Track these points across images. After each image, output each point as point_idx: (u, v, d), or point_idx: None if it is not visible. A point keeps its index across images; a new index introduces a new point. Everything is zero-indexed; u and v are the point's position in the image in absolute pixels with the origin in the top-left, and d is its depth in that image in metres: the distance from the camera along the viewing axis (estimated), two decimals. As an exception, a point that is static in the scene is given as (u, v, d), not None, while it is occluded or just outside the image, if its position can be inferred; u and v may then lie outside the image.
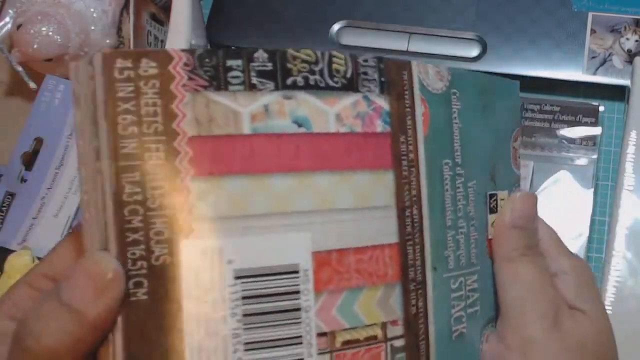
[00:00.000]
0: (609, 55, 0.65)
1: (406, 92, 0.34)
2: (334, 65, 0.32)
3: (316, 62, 0.32)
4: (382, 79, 0.33)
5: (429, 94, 0.35)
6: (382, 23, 0.67)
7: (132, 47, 0.57)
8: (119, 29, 0.60)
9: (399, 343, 0.32)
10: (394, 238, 0.32)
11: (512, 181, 0.40)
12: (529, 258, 0.36)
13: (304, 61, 0.32)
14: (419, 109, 0.34)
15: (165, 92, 0.28)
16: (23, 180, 0.56)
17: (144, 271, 0.28)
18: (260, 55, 0.31)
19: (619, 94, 0.63)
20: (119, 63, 0.28)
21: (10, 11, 0.61)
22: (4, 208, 0.55)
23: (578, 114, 0.60)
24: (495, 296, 0.37)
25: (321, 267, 0.30)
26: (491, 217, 0.37)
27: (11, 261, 0.51)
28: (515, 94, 0.41)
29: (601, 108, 0.60)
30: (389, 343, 0.32)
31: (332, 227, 0.31)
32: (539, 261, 0.36)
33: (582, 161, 0.59)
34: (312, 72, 0.32)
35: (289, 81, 0.31)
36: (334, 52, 0.32)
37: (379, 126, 0.32)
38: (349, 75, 0.32)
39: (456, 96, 0.36)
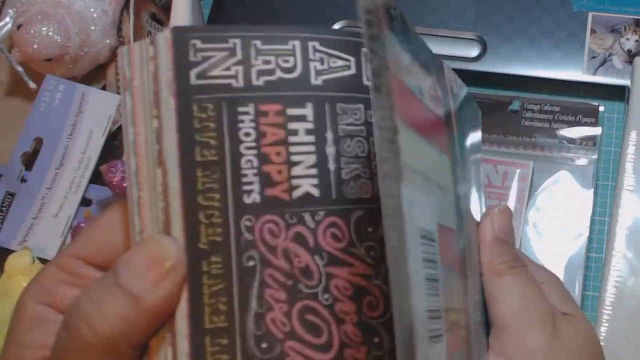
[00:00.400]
0: (609, 55, 0.65)
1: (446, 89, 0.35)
2: None
3: None
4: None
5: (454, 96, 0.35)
6: (382, 23, 0.67)
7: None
8: (119, 29, 0.60)
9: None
10: (453, 224, 0.32)
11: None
12: (518, 270, 0.36)
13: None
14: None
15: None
16: (23, 180, 0.56)
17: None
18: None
19: (619, 94, 0.63)
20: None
21: (11, 11, 0.61)
22: (4, 208, 0.55)
23: (578, 114, 0.60)
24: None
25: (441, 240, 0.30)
26: None
27: (11, 261, 0.51)
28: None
29: (601, 108, 0.60)
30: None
31: (443, 204, 0.31)
32: (527, 272, 0.36)
33: (582, 161, 0.59)
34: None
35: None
36: None
37: (440, 111, 0.32)
38: None
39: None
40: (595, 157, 0.59)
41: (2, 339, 0.47)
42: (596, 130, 0.59)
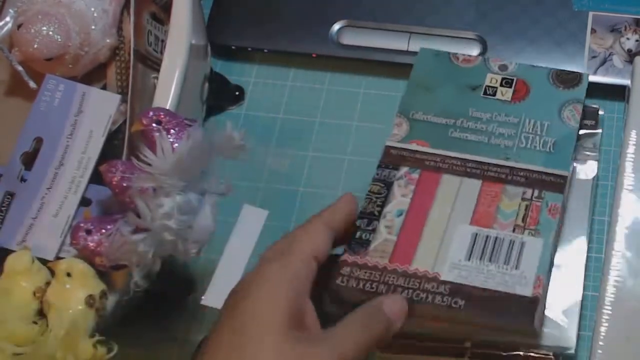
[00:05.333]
0: (609, 55, 0.65)
1: None
2: None
3: None
4: None
5: None
6: (382, 23, 0.67)
7: (132, 47, 0.57)
8: (120, 29, 0.61)
9: None
10: None
11: None
12: None
13: None
14: None
15: None
16: (23, 180, 0.56)
17: None
18: None
19: (619, 93, 0.63)
20: None
21: (11, 10, 0.61)
22: (4, 208, 0.55)
23: (578, 115, 0.60)
24: None
25: None
26: None
27: (10, 261, 0.51)
28: None
29: (601, 112, 0.60)
30: None
31: None
32: None
33: (582, 163, 0.59)
34: None
35: None
36: None
37: None
38: None
39: None
40: (595, 159, 0.59)
41: (0, 340, 0.47)
42: (596, 132, 0.59)
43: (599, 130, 0.59)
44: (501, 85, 0.58)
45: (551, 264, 0.53)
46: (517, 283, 0.50)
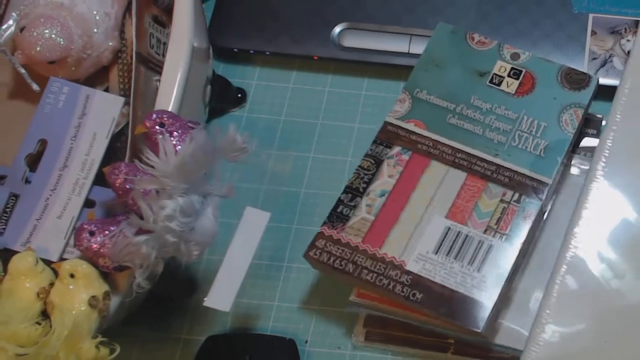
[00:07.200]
0: (610, 56, 0.65)
1: None
2: None
3: None
4: None
5: None
6: (383, 25, 0.68)
7: (134, 50, 0.57)
8: (122, 32, 0.61)
9: None
10: None
11: None
12: None
13: None
14: None
15: None
16: (27, 181, 0.56)
17: None
18: None
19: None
20: None
21: (14, 14, 0.61)
22: (8, 209, 0.55)
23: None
24: None
25: None
26: None
27: (14, 262, 0.51)
28: None
29: (603, 122, 0.60)
30: None
31: None
32: None
33: (585, 171, 0.59)
34: None
35: None
36: None
37: None
38: None
39: None
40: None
41: (3, 341, 0.47)
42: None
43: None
44: (509, 75, 0.59)
45: (515, 271, 0.54)
46: (475, 286, 0.52)
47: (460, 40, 0.60)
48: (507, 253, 0.53)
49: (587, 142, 0.60)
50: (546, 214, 0.57)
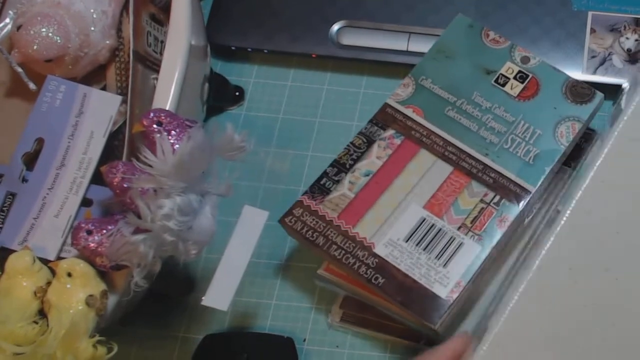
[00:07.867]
0: (609, 54, 0.65)
1: None
2: None
3: None
4: None
5: None
6: (381, 23, 0.67)
7: (131, 48, 0.57)
8: (119, 30, 0.61)
9: None
10: None
11: None
12: None
13: None
14: None
15: None
16: (24, 180, 0.56)
17: None
18: None
19: (618, 93, 0.63)
20: None
21: (11, 12, 0.61)
22: (5, 208, 0.55)
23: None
24: None
25: None
26: None
27: (11, 261, 0.51)
28: None
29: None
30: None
31: None
32: None
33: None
34: None
35: None
36: None
37: None
38: None
39: None
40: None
41: (0, 340, 0.47)
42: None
43: None
44: (515, 78, 0.59)
45: (480, 273, 0.53)
46: (437, 281, 0.52)
47: (475, 35, 0.61)
48: (477, 254, 0.53)
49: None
50: (527, 221, 0.57)
